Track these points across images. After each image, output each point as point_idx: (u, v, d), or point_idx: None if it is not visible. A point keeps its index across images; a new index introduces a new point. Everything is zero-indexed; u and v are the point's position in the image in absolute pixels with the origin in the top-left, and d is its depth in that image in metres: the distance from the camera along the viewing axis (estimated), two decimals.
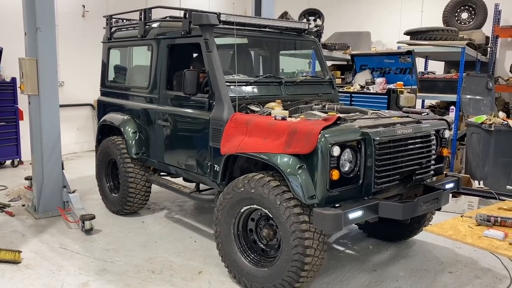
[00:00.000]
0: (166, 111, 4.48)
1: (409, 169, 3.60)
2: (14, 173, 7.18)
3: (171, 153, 4.55)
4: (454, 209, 5.30)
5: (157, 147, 4.69)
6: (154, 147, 4.75)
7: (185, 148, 4.35)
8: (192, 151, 4.25)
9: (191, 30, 4.08)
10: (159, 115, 4.57)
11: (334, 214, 3.03)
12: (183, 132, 4.33)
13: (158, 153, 4.69)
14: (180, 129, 4.35)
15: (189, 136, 4.27)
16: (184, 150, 4.37)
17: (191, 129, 4.23)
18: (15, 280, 3.66)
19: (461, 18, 8.87)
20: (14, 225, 4.88)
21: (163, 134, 4.57)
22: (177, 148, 4.46)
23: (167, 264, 4.03)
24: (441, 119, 4.20)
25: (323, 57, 5.00)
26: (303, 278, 3.24)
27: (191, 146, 4.26)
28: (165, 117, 4.49)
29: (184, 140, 4.35)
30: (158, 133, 4.64)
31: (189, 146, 4.29)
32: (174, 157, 4.52)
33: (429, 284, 3.77)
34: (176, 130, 4.40)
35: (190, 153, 4.29)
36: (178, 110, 4.33)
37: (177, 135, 4.41)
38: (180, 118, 4.31)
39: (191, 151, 4.27)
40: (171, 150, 4.53)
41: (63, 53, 8.03)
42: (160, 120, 4.55)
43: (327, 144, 3.10)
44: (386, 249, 4.46)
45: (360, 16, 10.72)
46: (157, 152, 4.72)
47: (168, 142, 4.53)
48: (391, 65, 6.58)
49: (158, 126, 4.61)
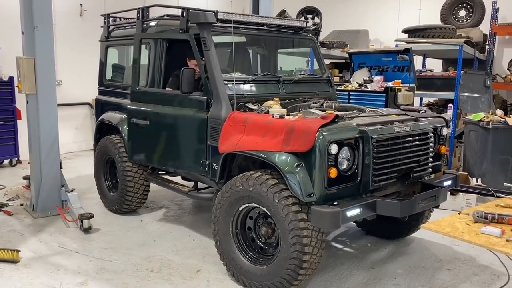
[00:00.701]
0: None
1: (407, 166, 3.61)
2: (12, 172, 7.17)
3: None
4: (452, 207, 5.31)
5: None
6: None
7: (184, 147, 4.34)
8: (191, 149, 4.24)
9: (189, 29, 4.08)
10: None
11: (332, 212, 3.04)
12: (181, 130, 4.32)
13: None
14: (178, 128, 4.34)
15: (187, 135, 4.26)
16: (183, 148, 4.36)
17: (189, 128, 4.21)
18: (14, 279, 3.66)
19: (459, 16, 8.88)
20: (13, 224, 4.88)
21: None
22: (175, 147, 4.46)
23: (165, 263, 4.03)
24: (439, 116, 4.20)
25: (321, 55, 5.01)
26: (301, 275, 3.25)
27: (189, 144, 4.25)
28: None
29: (182, 138, 4.34)
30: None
31: (187, 145, 4.28)
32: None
33: (427, 281, 3.78)
34: (173, 129, 4.38)
35: (188, 152, 4.28)
36: (176, 109, 4.31)
37: (174, 134, 4.40)
38: (178, 117, 4.29)
39: (189, 149, 4.26)
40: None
41: (61, 52, 8.02)
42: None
43: (325, 142, 3.11)
44: (384, 246, 4.47)
45: (358, 14, 10.72)
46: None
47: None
48: (389, 63, 6.58)
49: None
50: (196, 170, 4.14)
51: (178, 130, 4.27)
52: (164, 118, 4.38)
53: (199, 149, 4.05)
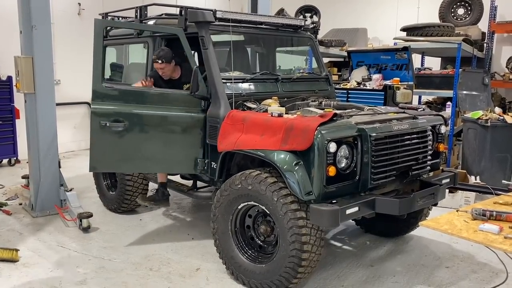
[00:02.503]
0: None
1: (406, 164, 3.62)
2: (11, 171, 7.17)
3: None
4: (451, 205, 5.31)
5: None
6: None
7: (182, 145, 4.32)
8: (190, 148, 4.22)
9: (187, 27, 4.07)
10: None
11: (331, 210, 3.05)
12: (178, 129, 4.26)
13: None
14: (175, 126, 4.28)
15: (186, 133, 4.24)
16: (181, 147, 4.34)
17: (187, 127, 4.18)
18: (13, 279, 3.66)
19: (457, 14, 8.88)
20: (12, 223, 4.88)
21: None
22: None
23: (164, 261, 4.03)
24: (437, 114, 4.21)
25: (320, 53, 5.01)
26: (300, 274, 3.25)
27: (188, 143, 4.23)
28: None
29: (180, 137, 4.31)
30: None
31: (186, 143, 4.26)
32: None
33: (426, 279, 3.79)
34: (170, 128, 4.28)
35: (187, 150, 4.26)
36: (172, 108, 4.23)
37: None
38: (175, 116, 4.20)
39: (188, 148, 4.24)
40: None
41: (59, 51, 8.00)
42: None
43: (323, 140, 3.11)
44: (383, 244, 4.48)
45: (357, 13, 10.72)
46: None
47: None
48: (388, 61, 6.58)
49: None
50: (194, 169, 4.11)
51: (173, 130, 4.05)
52: (152, 119, 3.97)
53: (197, 148, 4.03)
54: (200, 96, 3.93)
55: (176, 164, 4.12)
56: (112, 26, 5.06)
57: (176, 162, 4.10)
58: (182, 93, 4.05)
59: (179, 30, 3.95)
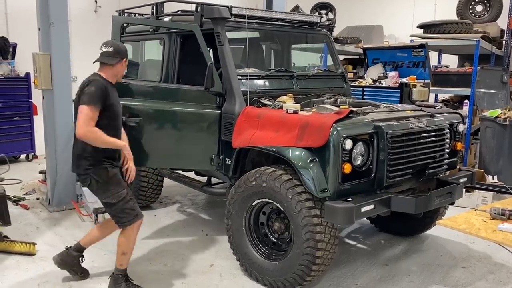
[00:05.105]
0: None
1: (422, 163, 3.57)
2: (29, 167, 7.28)
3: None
4: (468, 204, 5.23)
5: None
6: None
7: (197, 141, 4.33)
8: (204, 144, 4.22)
9: (203, 24, 4.08)
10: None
11: (346, 208, 3.03)
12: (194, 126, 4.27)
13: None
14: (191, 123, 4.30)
15: (200, 129, 4.24)
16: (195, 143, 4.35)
17: (201, 123, 4.19)
18: (30, 272, 3.72)
19: (475, 10, 8.73)
20: (29, 218, 4.95)
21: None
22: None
23: (179, 257, 4.05)
24: (455, 112, 4.15)
25: (335, 50, 4.97)
26: (314, 271, 3.24)
27: (203, 139, 4.23)
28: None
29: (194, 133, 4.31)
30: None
31: (200, 140, 4.26)
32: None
33: (442, 279, 3.74)
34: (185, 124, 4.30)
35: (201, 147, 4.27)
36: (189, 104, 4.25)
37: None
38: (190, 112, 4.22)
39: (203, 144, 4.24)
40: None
41: (76, 48, 8.09)
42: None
43: (339, 137, 3.08)
44: (398, 243, 4.43)
45: (372, 10, 10.62)
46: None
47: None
48: (404, 59, 6.52)
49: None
50: (208, 166, 4.11)
51: (187, 126, 4.06)
52: (167, 115, 4.01)
53: (212, 145, 4.04)
54: (215, 92, 3.93)
55: (190, 160, 4.13)
56: (129, 23, 5.08)
57: (190, 158, 4.11)
58: (196, 89, 4.05)
59: (195, 26, 3.95)
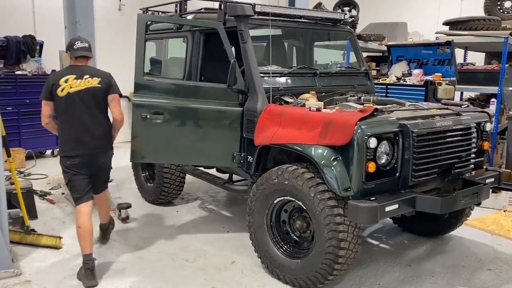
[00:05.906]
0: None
1: (448, 162, 3.50)
2: (54, 162, 7.37)
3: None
4: (494, 205, 5.09)
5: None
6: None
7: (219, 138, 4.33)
8: (226, 141, 4.22)
9: (226, 21, 4.08)
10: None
11: (370, 207, 2.99)
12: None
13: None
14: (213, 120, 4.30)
15: (223, 127, 4.24)
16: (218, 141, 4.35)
17: (224, 120, 4.19)
18: (57, 265, 3.81)
19: (503, 7, 8.47)
20: (55, 212, 5.07)
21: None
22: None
23: (200, 253, 4.08)
24: (482, 111, 4.05)
25: (359, 47, 4.91)
26: (336, 270, 3.22)
27: (225, 136, 4.23)
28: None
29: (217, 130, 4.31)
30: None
31: (223, 137, 4.26)
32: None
33: (467, 281, 3.66)
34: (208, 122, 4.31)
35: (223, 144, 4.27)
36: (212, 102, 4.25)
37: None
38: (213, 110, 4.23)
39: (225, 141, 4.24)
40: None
41: (100, 46, 8.18)
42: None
43: (363, 135, 3.05)
44: (422, 244, 4.36)
45: (396, 6, 10.46)
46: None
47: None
48: (429, 56, 6.41)
49: None
50: (230, 163, 4.12)
51: (210, 123, 4.09)
52: (190, 112, 4.03)
53: (234, 142, 4.04)
54: (237, 89, 3.93)
55: (212, 157, 4.15)
56: (153, 21, 5.14)
57: (212, 155, 4.13)
58: (219, 86, 4.06)
59: (218, 24, 3.96)
